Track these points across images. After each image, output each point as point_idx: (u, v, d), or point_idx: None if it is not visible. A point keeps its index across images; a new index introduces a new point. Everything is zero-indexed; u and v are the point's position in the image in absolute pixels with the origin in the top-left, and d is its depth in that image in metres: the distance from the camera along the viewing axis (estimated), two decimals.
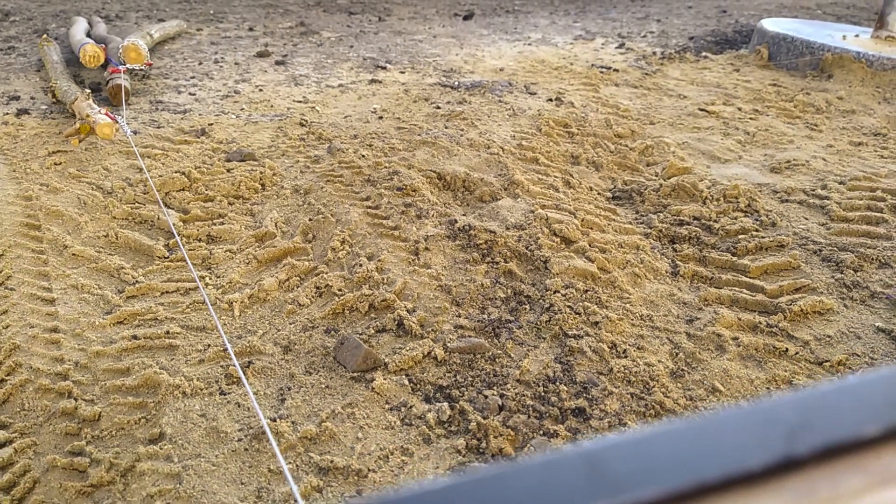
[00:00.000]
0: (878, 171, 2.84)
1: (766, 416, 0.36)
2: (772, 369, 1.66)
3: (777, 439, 0.35)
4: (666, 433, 0.35)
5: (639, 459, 0.33)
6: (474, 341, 1.67)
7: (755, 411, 0.37)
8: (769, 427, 0.35)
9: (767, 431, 0.35)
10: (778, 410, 0.37)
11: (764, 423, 0.36)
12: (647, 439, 0.35)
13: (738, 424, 0.36)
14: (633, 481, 0.32)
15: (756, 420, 0.36)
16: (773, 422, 0.36)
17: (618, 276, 1.97)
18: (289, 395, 1.50)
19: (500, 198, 2.33)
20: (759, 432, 0.35)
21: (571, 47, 5.03)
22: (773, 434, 0.35)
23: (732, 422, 0.36)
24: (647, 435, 0.35)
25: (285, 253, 1.98)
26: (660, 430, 0.35)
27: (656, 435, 0.35)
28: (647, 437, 0.35)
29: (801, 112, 3.75)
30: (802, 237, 2.27)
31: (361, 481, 1.30)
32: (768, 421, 0.36)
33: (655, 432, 0.35)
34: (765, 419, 0.36)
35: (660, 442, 0.35)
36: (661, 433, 0.35)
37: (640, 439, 0.35)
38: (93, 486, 1.28)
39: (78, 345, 1.62)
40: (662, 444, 0.35)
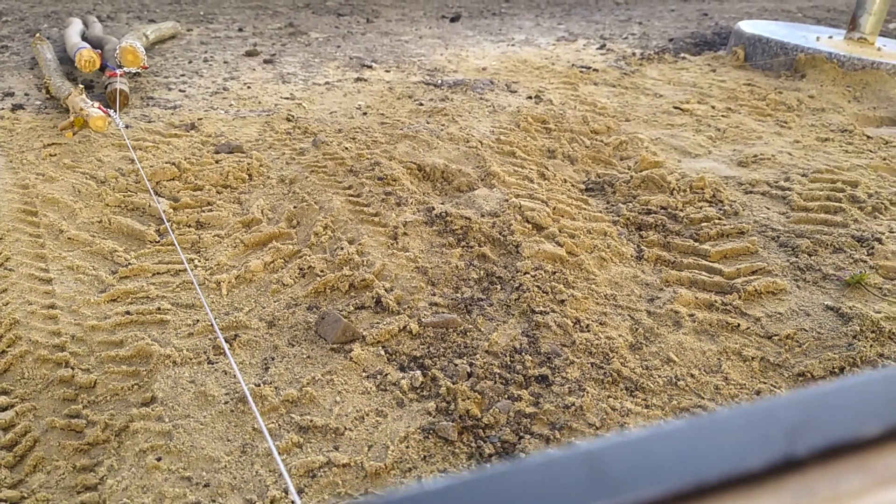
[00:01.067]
0: (841, 165, 2.98)
1: (765, 416, 0.37)
2: (723, 342, 1.78)
3: (777, 439, 0.35)
4: (666, 433, 0.36)
5: (639, 459, 0.34)
6: (447, 317, 1.79)
7: (755, 411, 0.37)
8: (769, 427, 0.36)
9: (767, 431, 0.35)
10: (778, 410, 0.37)
11: (764, 423, 0.36)
12: (647, 439, 0.35)
13: (738, 424, 0.36)
14: (633, 481, 0.32)
15: (756, 420, 0.36)
16: (773, 422, 0.36)
17: (585, 260, 2.09)
18: (272, 365, 1.61)
19: (476, 188, 2.45)
20: (759, 432, 0.35)
21: (554, 48, 5.17)
22: (773, 434, 0.35)
23: (732, 422, 0.36)
24: (647, 435, 0.35)
25: (270, 237, 2.09)
26: (660, 431, 0.36)
27: (656, 435, 0.35)
28: (647, 437, 0.35)
29: (772, 110, 3.89)
30: (762, 225, 2.40)
31: (338, 438, 1.41)
32: (768, 421, 0.36)
33: (655, 432, 0.35)
34: (765, 419, 0.36)
35: (660, 442, 0.35)
36: (661, 433, 0.35)
37: (640, 439, 0.35)
38: (89, 444, 1.39)
39: (74, 320, 1.72)
40: (662, 444, 0.35)
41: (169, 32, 4.39)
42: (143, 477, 1.30)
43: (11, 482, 1.31)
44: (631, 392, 1.60)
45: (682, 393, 1.60)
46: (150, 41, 3.95)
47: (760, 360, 1.72)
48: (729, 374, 1.67)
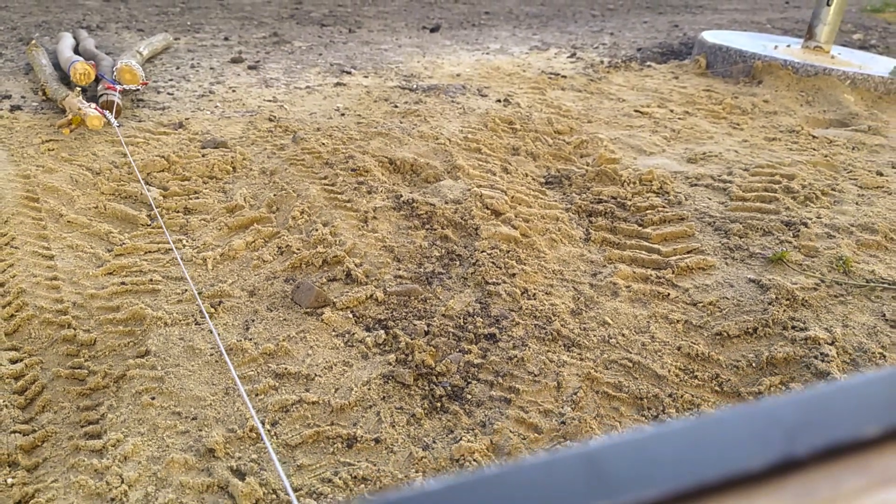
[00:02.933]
0: (783, 161, 3.23)
1: (766, 416, 0.37)
2: (654, 308, 2.01)
3: (777, 440, 0.35)
4: (666, 434, 0.36)
5: (639, 460, 0.34)
6: (410, 287, 2.01)
7: (755, 412, 0.37)
8: (769, 427, 0.36)
9: (767, 432, 0.35)
10: (778, 411, 0.37)
11: (764, 423, 0.36)
12: (646, 440, 0.35)
13: (738, 425, 0.36)
14: (632, 482, 0.32)
15: (756, 420, 0.36)
16: (773, 422, 0.36)
17: (537, 240, 2.32)
18: (252, 325, 1.82)
19: (442, 179, 2.68)
20: (759, 433, 0.35)
21: (526, 56, 5.42)
22: (773, 434, 0.35)
23: (732, 422, 0.36)
24: (647, 435, 0.35)
25: (252, 221, 2.30)
26: (660, 431, 0.36)
27: (656, 435, 0.35)
28: (647, 437, 0.35)
29: (727, 113, 4.15)
30: (702, 212, 2.64)
31: (309, 383, 1.62)
32: (768, 421, 0.36)
33: (655, 433, 0.35)
34: (765, 419, 0.36)
35: (660, 442, 0.35)
36: (661, 434, 0.35)
37: (640, 440, 0.35)
38: (91, 389, 1.59)
39: (75, 290, 1.93)
40: (662, 444, 0.35)
41: (162, 46, 4.58)
42: (139, 413, 1.51)
43: (23, 419, 1.51)
44: (568, 348, 1.82)
45: (613, 348, 1.83)
46: (145, 57, 4.11)
47: (684, 323, 1.95)
48: (655, 334, 1.89)
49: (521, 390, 1.65)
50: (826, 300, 2.04)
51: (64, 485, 1.33)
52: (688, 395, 1.67)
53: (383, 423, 1.52)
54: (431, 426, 1.54)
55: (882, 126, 4.00)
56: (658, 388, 1.69)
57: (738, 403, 1.67)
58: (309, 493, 1.33)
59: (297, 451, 1.44)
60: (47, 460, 1.41)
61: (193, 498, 1.31)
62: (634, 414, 1.62)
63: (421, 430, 1.52)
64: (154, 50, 4.39)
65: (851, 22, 9.97)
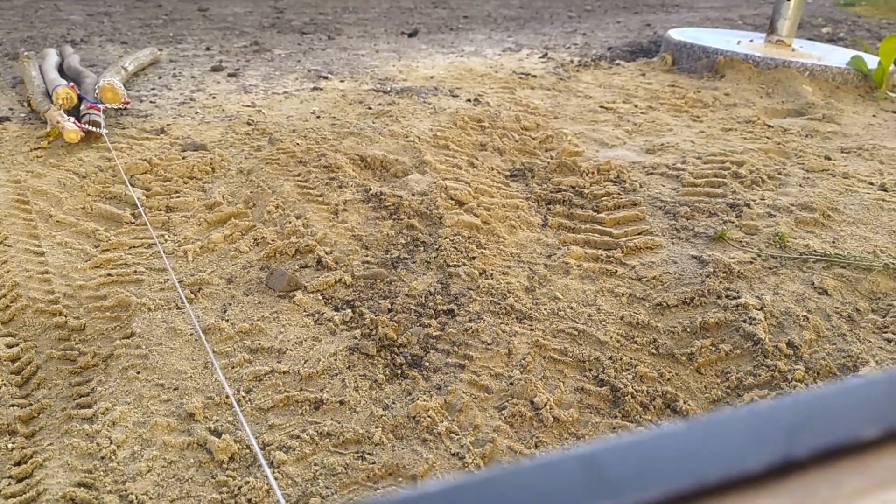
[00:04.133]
0: (735, 149, 3.41)
1: (765, 417, 0.37)
2: (601, 284, 2.18)
3: (777, 441, 0.35)
4: (665, 434, 0.36)
5: (638, 461, 0.34)
6: (376, 270, 2.17)
7: (755, 413, 0.37)
8: (769, 428, 0.36)
9: (767, 433, 0.35)
10: (778, 412, 0.37)
11: (764, 424, 0.36)
12: (646, 441, 0.35)
13: (738, 426, 0.36)
14: (632, 482, 0.32)
15: (756, 421, 0.36)
16: (773, 423, 0.36)
17: (497, 227, 2.49)
18: (229, 308, 1.98)
19: (410, 174, 2.84)
20: (758, 434, 0.35)
21: (499, 58, 5.61)
22: (773, 435, 0.35)
23: (732, 423, 0.36)
24: (647, 436, 0.35)
25: (230, 216, 2.46)
26: (659, 432, 0.36)
27: (656, 436, 0.35)
28: (647, 438, 0.35)
29: (689, 107, 4.34)
30: (654, 198, 2.81)
31: (281, 356, 1.78)
32: (768, 422, 0.36)
33: (655, 434, 0.36)
34: (764, 420, 0.36)
35: (659, 443, 0.35)
36: (661, 434, 0.36)
37: (640, 440, 0.35)
38: (81, 367, 1.75)
39: (65, 282, 2.08)
40: (662, 445, 0.35)
41: (148, 60, 4.67)
42: (126, 385, 1.66)
43: (20, 395, 1.67)
44: (520, 320, 1.99)
45: (561, 319, 2.00)
46: (130, 73, 4.18)
47: (629, 296, 2.12)
48: (601, 306, 2.06)
49: (475, 357, 1.82)
50: (760, 272, 2.22)
51: (59, 447, 1.49)
52: (626, 357, 1.84)
53: (347, 387, 1.68)
54: (391, 390, 1.70)
55: (836, 114, 4.19)
56: (599, 352, 1.86)
57: (672, 364, 1.85)
58: (279, 448, 1.49)
59: (269, 413, 1.60)
60: (43, 428, 1.56)
61: (175, 454, 1.47)
62: (577, 375, 1.79)
63: (382, 393, 1.69)
64: (140, 64, 4.50)
65: (823, 16, 10.21)
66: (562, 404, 1.69)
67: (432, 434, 1.56)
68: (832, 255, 2.29)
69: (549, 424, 1.62)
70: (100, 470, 1.42)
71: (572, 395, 1.73)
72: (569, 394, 1.73)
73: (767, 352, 1.83)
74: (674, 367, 1.84)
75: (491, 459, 1.51)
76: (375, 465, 1.46)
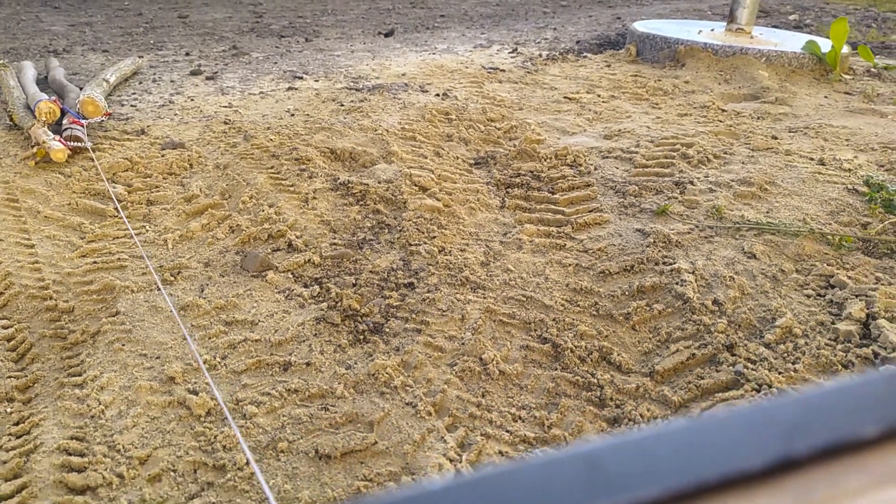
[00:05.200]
0: (687, 132, 3.61)
1: (765, 416, 0.37)
2: (551, 256, 2.37)
3: (776, 439, 0.35)
4: (665, 433, 0.36)
5: (638, 459, 0.34)
6: (343, 251, 2.35)
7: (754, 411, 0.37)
8: (768, 427, 0.36)
9: (766, 431, 0.36)
10: (777, 410, 0.37)
11: (763, 423, 0.36)
12: (646, 439, 0.36)
13: (737, 424, 0.36)
14: (632, 481, 0.33)
15: (755, 420, 0.37)
16: (773, 422, 0.36)
17: (457, 209, 2.67)
18: (207, 288, 2.16)
19: (377, 164, 3.03)
20: (758, 432, 0.36)
21: (470, 54, 5.79)
22: (773, 434, 0.35)
23: (731, 422, 0.37)
24: (647, 435, 0.36)
25: (207, 207, 2.63)
26: (659, 431, 0.36)
27: (655, 435, 0.36)
28: (647, 437, 0.36)
29: (649, 95, 4.53)
30: (607, 179, 3.00)
31: (253, 327, 1.96)
32: (767, 421, 0.36)
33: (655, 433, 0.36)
34: (764, 419, 0.37)
35: (659, 442, 0.35)
36: (661, 433, 0.36)
37: (640, 439, 0.36)
38: (71, 343, 1.92)
39: (54, 270, 2.25)
40: (661, 444, 0.35)
41: (130, 70, 4.69)
42: (112, 356, 1.84)
43: (16, 369, 1.84)
44: (474, 290, 2.17)
45: (511, 288, 2.18)
46: (113, 84, 4.17)
47: (575, 266, 2.31)
48: (549, 276, 2.25)
49: (431, 323, 2.00)
50: (696, 241, 2.41)
51: (53, 409, 1.66)
52: (569, 318, 2.03)
53: (314, 352, 1.86)
54: (354, 352, 1.88)
55: (789, 97, 4.40)
56: (544, 315, 2.04)
57: (610, 323, 2.04)
58: (251, 403, 1.67)
59: (242, 375, 1.78)
60: (38, 395, 1.74)
61: (158, 411, 1.65)
62: (523, 335, 1.98)
63: (345, 355, 1.87)
64: (123, 75, 4.54)
65: (791, 3, 10.45)
66: (508, 360, 1.88)
67: (389, 388, 1.74)
68: (764, 223, 2.48)
69: (495, 377, 1.81)
70: (90, 426, 1.59)
71: (518, 352, 1.91)
72: (514, 351, 1.92)
73: (695, 308, 2.02)
74: (611, 325, 2.03)
75: (441, 408, 1.70)
76: (337, 415, 1.64)
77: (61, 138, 2.98)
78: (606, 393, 1.76)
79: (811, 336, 1.87)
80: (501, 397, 1.76)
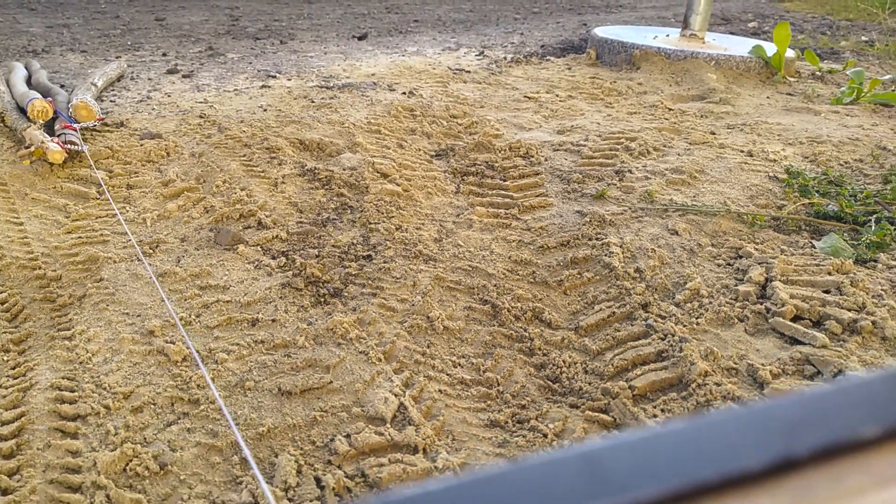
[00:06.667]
0: (633, 128, 3.89)
1: (765, 415, 0.37)
2: (497, 234, 2.62)
3: (776, 439, 0.35)
4: (665, 433, 0.36)
5: (637, 459, 0.34)
6: (308, 228, 2.59)
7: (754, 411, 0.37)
8: (768, 427, 0.36)
9: (766, 431, 0.36)
10: (777, 410, 0.37)
11: (763, 422, 0.36)
12: (645, 439, 0.36)
13: (737, 424, 0.37)
14: (631, 481, 0.33)
15: (755, 420, 0.37)
16: (772, 422, 0.36)
17: (415, 194, 2.92)
18: (183, 259, 2.38)
19: (343, 153, 3.26)
20: (757, 432, 0.36)
21: (438, 56, 6.05)
22: (772, 434, 0.36)
23: (731, 422, 0.37)
24: (646, 435, 0.36)
25: (183, 190, 2.85)
26: (659, 431, 0.36)
27: (655, 435, 0.36)
28: (646, 437, 0.36)
29: (604, 95, 4.82)
30: (555, 169, 3.27)
31: (225, 291, 2.19)
32: (767, 420, 0.37)
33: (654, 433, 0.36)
34: (764, 419, 0.37)
35: (658, 442, 0.36)
36: (660, 433, 0.36)
37: (639, 439, 0.36)
38: (60, 305, 2.13)
39: (42, 245, 2.46)
40: (661, 444, 0.35)
41: (116, 74, 4.79)
42: (98, 314, 2.05)
43: (10, 326, 2.05)
44: (426, 262, 2.42)
45: (460, 260, 2.43)
46: (100, 88, 4.26)
47: (518, 242, 2.56)
48: (494, 250, 2.50)
49: (386, 288, 2.24)
50: (628, 220, 2.68)
51: (45, 357, 1.88)
52: (508, 285, 2.28)
53: (279, 311, 2.10)
54: (315, 312, 2.12)
55: (733, 97, 4.71)
56: (487, 282, 2.30)
57: (544, 288, 2.29)
58: (222, 351, 1.90)
59: (214, 329, 2.01)
60: (31, 347, 1.95)
61: (139, 358, 1.87)
62: (467, 298, 2.23)
63: (307, 314, 2.10)
64: (109, 79, 4.66)
65: (754, 11, 10.87)
66: (452, 318, 2.12)
67: (345, 340, 1.98)
68: (689, 205, 2.76)
69: (439, 332, 2.06)
70: (79, 370, 1.81)
71: (461, 312, 2.16)
72: (458, 311, 2.16)
73: (619, 276, 2.28)
74: (545, 290, 2.28)
75: (390, 355, 1.94)
76: (298, 360, 1.87)
77: (59, 140, 3.09)
78: (535, 344, 2.01)
79: (715, 296, 2.15)
80: (444, 348, 2.00)
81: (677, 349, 1.88)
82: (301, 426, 1.67)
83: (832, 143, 3.63)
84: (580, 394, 1.82)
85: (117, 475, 1.49)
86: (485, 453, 1.63)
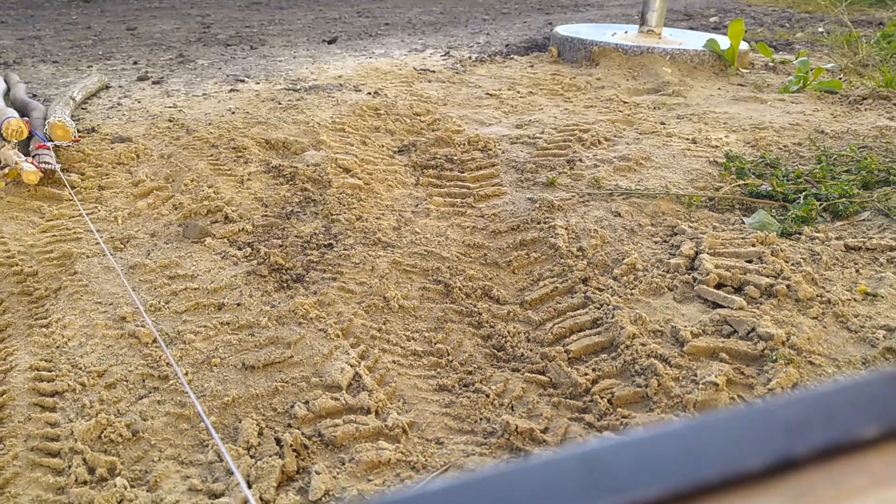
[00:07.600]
0: (588, 120, 4.07)
1: (765, 415, 0.37)
2: (452, 221, 2.78)
3: (776, 439, 0.35)
4: (665, 434, 0.36)
5: (637, 459, 0.34)
6: (272, 220, 2.73)
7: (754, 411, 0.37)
8: (767, 427, 0.36)
9: (766, 431, 0.36)
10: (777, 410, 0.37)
11: (763, 422, 0.37)
12: (646, 440, 0.36)
13: (737, 424, 0.37)
14: (631, 481, 0.33)
15: (755, 420, 0.37)
16: (772, 421, 0.37)
17: (376, 186, 3.07)
18: (152, 252, 2.52)
19: (307, 151, 3.41)
20: (757, 432, 0.36)
21: (405, 57, 6.21)
22: (772, 434, 0.36)
23: (731, 422, 0.37)
24: (646, 435, 0.36)
25: (152, 190, 2.98)
26: (659, 431, 0.36)
27: (655, 435, 0.36)
28: (646, 437, 0.36)
29: (564, 91, 5.01)
30: (511, 160, 3.44)
31: (193, 279, 2.33)
32: (767, 420, 0.37)
33: (654, 433, 0.36)
34: (764, 419, 0.37)
35: (659, 442, 0.36)
36: (660, 434, 0.36)
37: (639, 440, 0.36)
38: (37, 298, 2.26)
39: (19, 243, 2.58)
40: (661, 444, 0.36)
41: (96, 87, 4.80)
42: (72, 304, 2.19)
43: None
44: (384, 248, 2.57)
45: (416, 246, 2.59)
46: (79, 102, 4.25)
47: (472, 228, 2.73)
48: (449, 236, 2.66)
49: (345, 273, 2.39)
50: (575, 205, 2.85)
51: (24, 343, 2.01)
52: (461, 266, 2.44)
53: (244, 295, 2.24)
54: (278, 296, 2.26)
55: (686, 90, 4.92)
56: (441, 264, 2.45)
57: (494, 268, 2.46)
58: (190, 332, 2.04)
59: (183, 314, 2.15)
60: (10, 336, 2.08)
61: (112, 341, 2.01)
62: (421, 279, 2.38)
63: (271, 298, 2.25)
64: (89, 92, 4.65)
65: (716, 6, 11.14)
66: (407, 298, 2.28)
67: (306, 319, 2.13)
68: (633, 189, 2.94)
69: (395, 310, 2.21)
70: (56, 353, 1.95)
71: (416, 292, 2.32)
72: (413, 291, 2.32)
73: (563, 254, 2.45)
74: (495, 270, 2.45)
75: (348, 332, 2.09)
76: (261, 339, 2.02)
77: (33, 161, 3.05)
78: (484, 318, 2.17)
79: (649, 269, 2.32)
80: (399, 324, 2.16)
81: (610, 317, 2.05)
82: (264, 395, 1.82)
83: (774, 128, 3.84)
84: (522, 359, 1.99)
85: (93, 442, 1.63)
86: (432, 413, 1.78)
